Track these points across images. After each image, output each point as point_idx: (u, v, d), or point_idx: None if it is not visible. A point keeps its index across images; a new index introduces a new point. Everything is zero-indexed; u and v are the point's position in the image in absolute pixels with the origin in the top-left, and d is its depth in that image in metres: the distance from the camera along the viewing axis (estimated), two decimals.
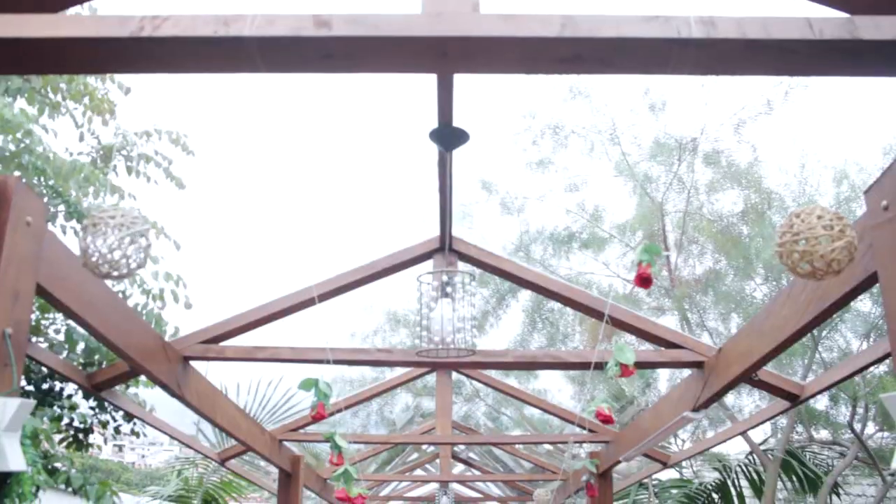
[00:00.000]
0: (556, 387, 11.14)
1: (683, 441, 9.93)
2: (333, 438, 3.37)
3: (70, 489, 4.25)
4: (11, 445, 2.31)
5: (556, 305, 9.21)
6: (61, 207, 4.59)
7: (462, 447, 9.82)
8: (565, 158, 9.31)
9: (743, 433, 5.32)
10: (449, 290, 2.74)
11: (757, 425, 4.64)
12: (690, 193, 8.44)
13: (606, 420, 2.92)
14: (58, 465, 4.37)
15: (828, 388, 3.64)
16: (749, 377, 3.50)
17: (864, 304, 7.65)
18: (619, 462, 5.37)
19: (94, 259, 1.81)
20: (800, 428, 8.91)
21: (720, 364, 3.57)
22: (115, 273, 1.79)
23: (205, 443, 6.93)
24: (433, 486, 10.99)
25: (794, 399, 3.80)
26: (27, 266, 2.40)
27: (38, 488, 4.19)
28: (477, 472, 10.28)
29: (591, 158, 9.17)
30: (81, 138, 5.04)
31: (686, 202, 8.46)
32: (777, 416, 4.22)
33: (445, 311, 2.73)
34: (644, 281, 2.33)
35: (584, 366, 3.59)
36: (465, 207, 9.42)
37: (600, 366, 3.57)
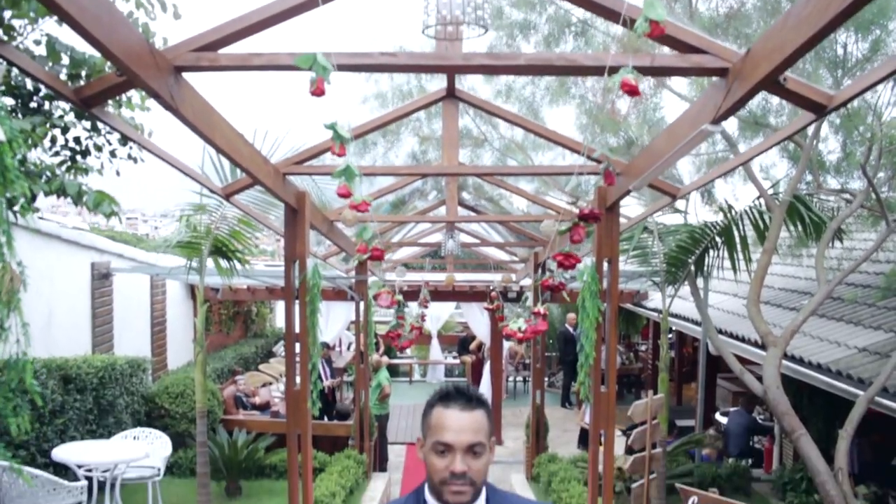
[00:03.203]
0: (565, 129, 10.90)
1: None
2: (335, 128, 3.21)
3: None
4: None
5: (568, 50, 8.78)
6: None
7: (469, 196, 9.88)
8: None
9: (759, 155, 5.16)
10: None
11: (779, 142, 4.49)
12: None
13: (632, 91, 2.72)
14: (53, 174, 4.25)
15: (859, 95, 3.42)
16: (776, 80, 3.28)
17: None
18: (628, 193, 5.31)
19: None
20: (809, 179, 8.85)
21: (746, 67, 3.33)
22: None
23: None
24: (440, 236, 11.24)
25: (821, 110, 3.61)
26: None
27: (34, 196, 4.16)
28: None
29: None
30: None
31: None
32: (801, 130, 4.04)
33: None
34: None
35: (599, 70, 3.36)
36: None
37: (615, 70, 3.34)
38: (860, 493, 8.63)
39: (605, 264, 5.88)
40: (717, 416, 13.26)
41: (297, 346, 6.39)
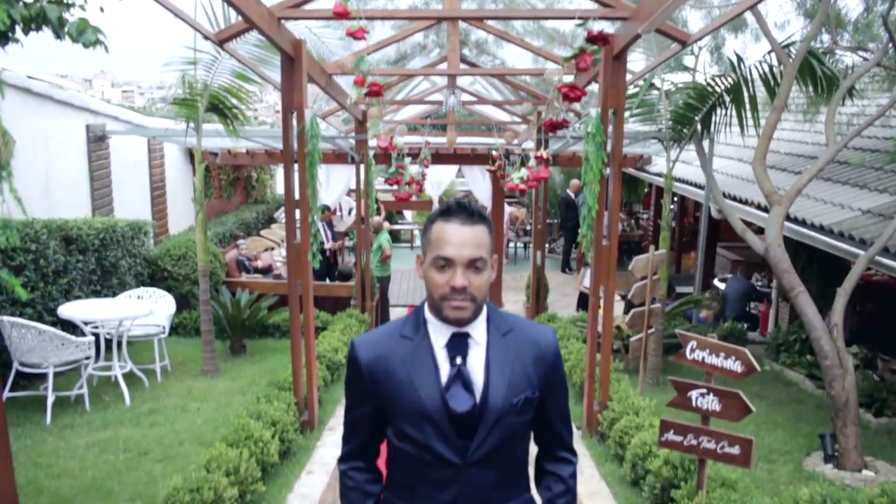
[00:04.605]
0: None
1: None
2: None
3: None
4: None
5: None
6: None
7: (471, 52, 9.52)
8: None
9: None
10: None
11: None
12: None
13: None
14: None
15: None
16: None
17: None
18: (638, 38, 5.09)
19: None
20: (825, 39, 8.55)
21: None
22: None
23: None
24: (441, 96, 10.98)
25: None
26: None
27: (13, 23, 3.96)
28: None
29: None
30: None
31: None
32: None
33: None
34: None
35: None
36: None
37: None
38: (851, 352, 8.80)
39: (611, 118, 5.72)
40: (716, 281, 13.40)
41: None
